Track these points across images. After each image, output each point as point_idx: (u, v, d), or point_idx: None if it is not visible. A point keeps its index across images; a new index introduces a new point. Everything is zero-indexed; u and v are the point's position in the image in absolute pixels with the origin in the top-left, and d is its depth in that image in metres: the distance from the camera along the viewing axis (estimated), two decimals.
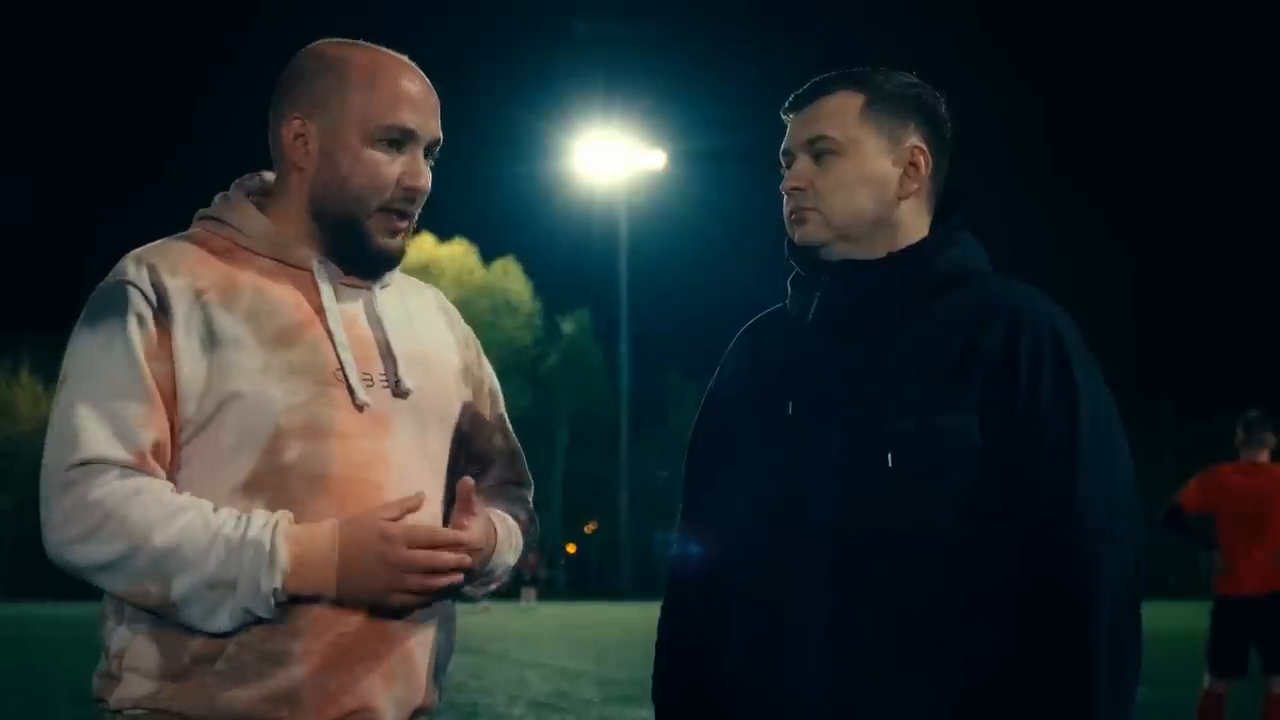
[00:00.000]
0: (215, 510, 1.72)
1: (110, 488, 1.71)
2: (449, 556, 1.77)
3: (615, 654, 16.02)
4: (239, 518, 1.72)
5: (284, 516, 1.73)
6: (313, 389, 1.79)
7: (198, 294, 1.79)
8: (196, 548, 1.69)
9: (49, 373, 50.99)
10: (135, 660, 1.76)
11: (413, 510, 1.79)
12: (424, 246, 51.87)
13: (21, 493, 48.09)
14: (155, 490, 1.72)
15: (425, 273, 50.35)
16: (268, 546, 1.70)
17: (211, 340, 1.77)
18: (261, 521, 1.72)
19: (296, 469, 1.76)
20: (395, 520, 1.76)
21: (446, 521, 1.88)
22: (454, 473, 1.95)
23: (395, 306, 1.94)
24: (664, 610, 2.09)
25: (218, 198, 1.93)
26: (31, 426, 50.22)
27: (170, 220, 2.00)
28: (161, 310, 1.77)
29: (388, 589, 1.74)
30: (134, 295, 1.78)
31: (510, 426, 2.09)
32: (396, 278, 1.97)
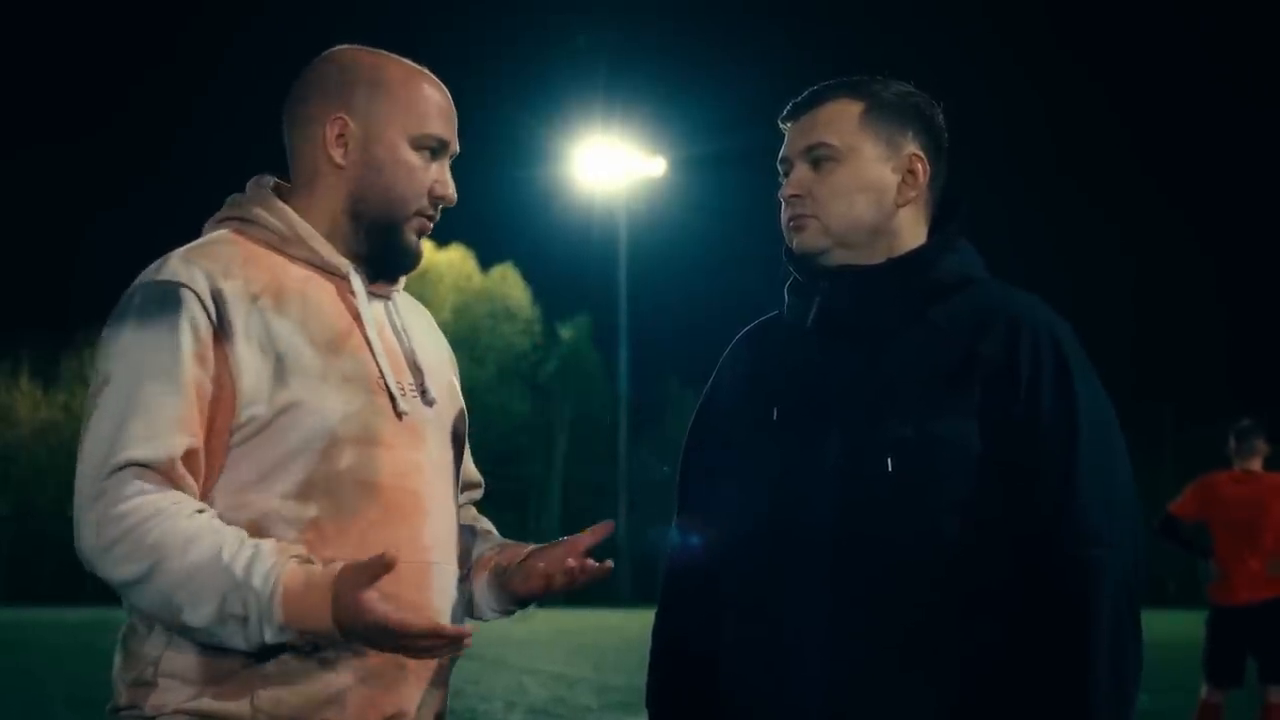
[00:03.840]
0: (231, 538, 1.69)
1: (134, 503, 1.69)
2: (440, 642, 1.70)
3: (613, 660, 16.01)
4: (250, 554, 1.69)
5: (288, 561, 1.68)
6: (364, 397, 1.81)
7: (253, 298, 1.79)
8: (204, 584, 1.67)
9: (49, 377, 50.97)
10: (174, 666, 1.75)
11: (383, 573, 1.65)
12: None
13: (20, 497, 47.98)
14: (173, 513, 1.69)
15: (423, 279, 50.33)
16: (266, 597, 1.66)
17: (271, 346, 1.77)
18: (266, 567, 1.67)
19: (349, 476, 1.78)
20: (365, 578, 1.65)
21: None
22: (461, 485, 2.00)
23: (408, 319, 1.96)
24: (659, 616, 2.09)
25: (238, 198, 1.91)
26: (30, 430, 50.16)
27: (172, 223, 2.00)
28: (220, 316, 1.76)
29: (387, 647, 1.71)
30: (188, 298, 1.76)
31: None
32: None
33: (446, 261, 54.08)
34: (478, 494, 2.14)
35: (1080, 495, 1.83)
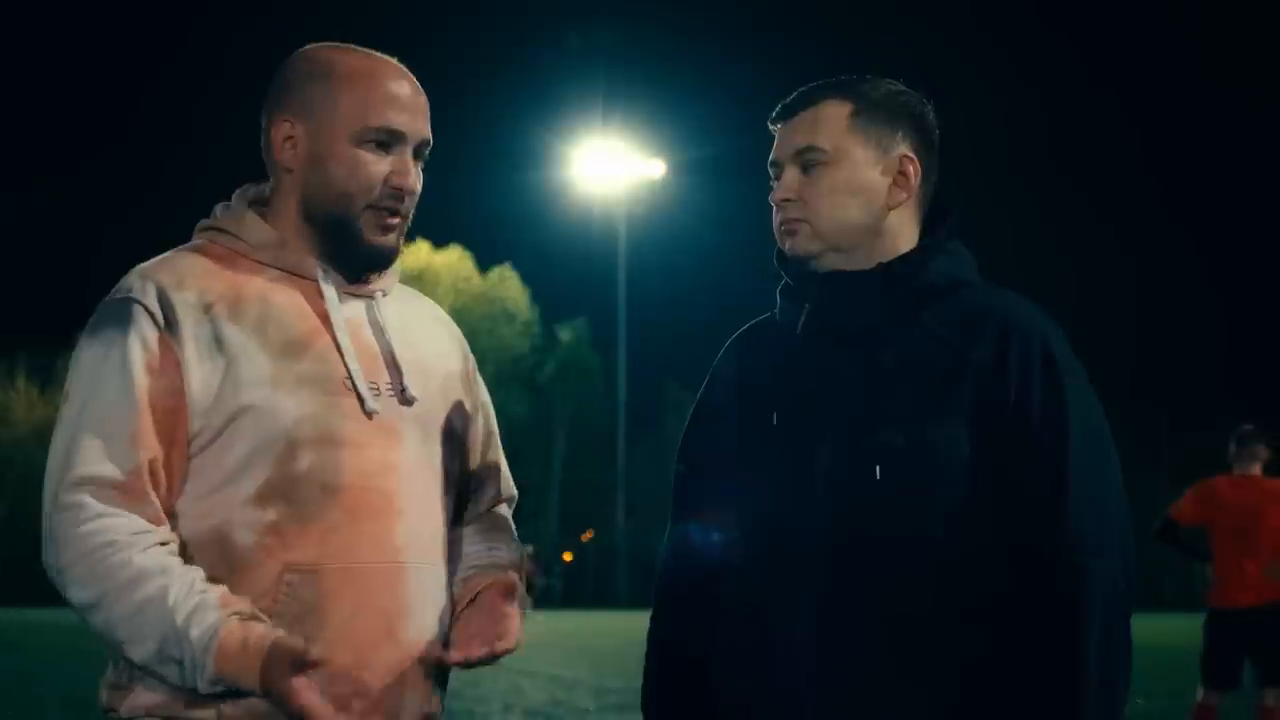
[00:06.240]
0: (181, 581, 1.70)
1: (93, 526, 1.71)
2: None
3: (611, 662, 16.00)
4: (196, 603, 1.69)
5: (232, 620, 1.69)
6: (323, 399, 1.80)
7: (206, 307, 1.80)
8: (148, 624, 1.69)
9: (45, 379, 50.96)
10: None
11: (310, 668, 1.68)
12: (420, 254, 51.84)
13: (15, 498, 47.98)
14: (128, 544, 1.71)
15: (421, 280, 50.30)
16: (200, 651, 1.68)
17: (221, 353, 1.78)
18: (207, 622, 1.68)
19: (308, 479, 1.78)
20: (294, 667, 1.67)
21: (451, 530, 1.93)
22: (455, 483, 1.98)
23: (395, 315, 1.94)
24: (654, 619, 2.08)
25: (218, 207, 1.93)
26: (27, 432, 50.14)
27: (171, 225, 2.00)
28: (168, 326, 1.77)
29: None
30: (137, 311, 1.78)
31: (499, 441, 2.09)
32: (395, 287, 1.98)
33: (445, 263, 54.01)
34: (504, 496, 2.09)
35: (1071, 502, 1.83)
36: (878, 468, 1.84)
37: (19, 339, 50.31)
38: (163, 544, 1.74)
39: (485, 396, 2.08)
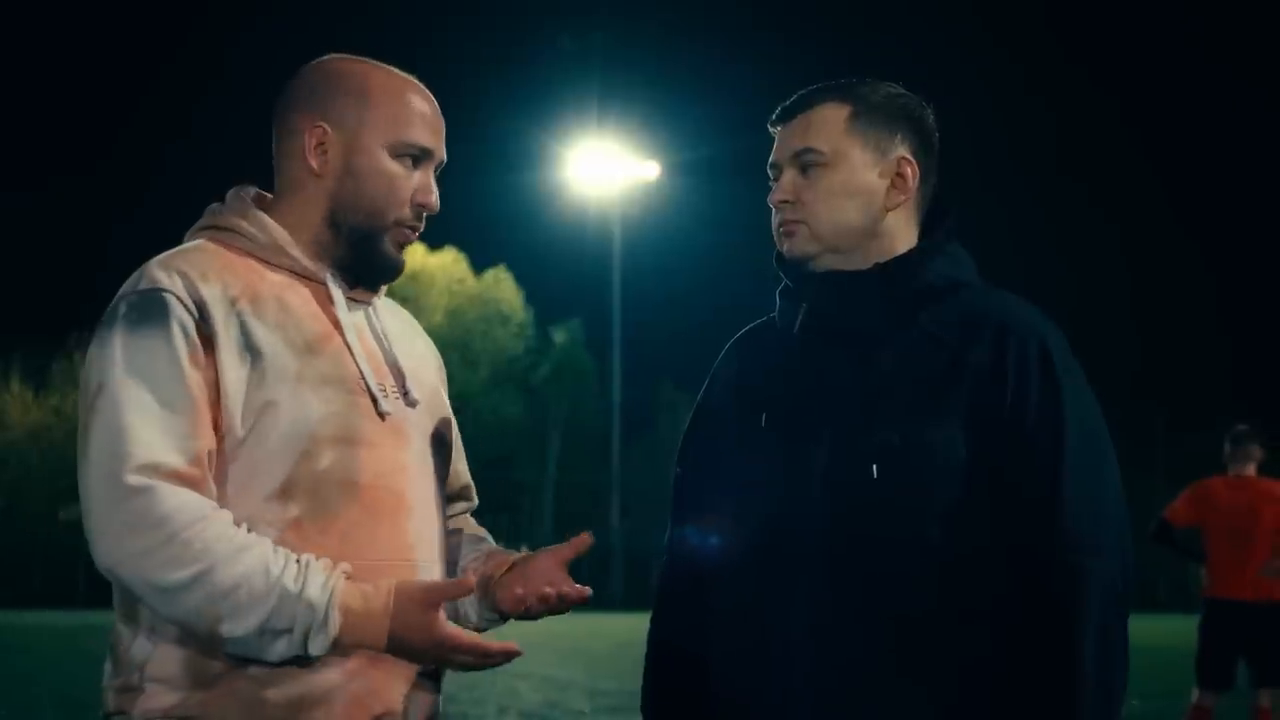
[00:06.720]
0: (275, 551, 1.71)
1: (173, 505, 1.68)
2: (489, 659, 1.79)
3: (605, 664, 16.00)
4: (299, 567, 1.71)
5: (341, 576, 1.72)
6: (344, 398, 1.82)
7: (231, 301, 1.80)
8: (254, 594, 1.68)
9: (40, 381, 50.90)
10: (160, 670, 1.75)
11: (465, 595, 1.81)
12: (414, 255, 51.77)
13: (11, 499, 47.92)
14: (218, 519, 1.70)
15: (416, 282, 50.33)
16: (321, 613, 1.69)
17: (249, 348, 1.78)
18: (320, 581, 1.71)
19: (329, 476, 1.79)
20: (440, 599, 1.74)
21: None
22: (444, 488, 2.00)
23: (389, 324, 1.97)
24: (654, 620, 2.09)
25: (216, 207, 1.93)
26: (21, 434, 50.07)
27: (171, 225, 1.99)
28: (202, 318, 1.77)
29: (432, 662, 1.82)
30: (173, 303, 1.77)
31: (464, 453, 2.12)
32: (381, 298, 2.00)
33: (439, 264, 54.00)
34: (472, 505, 2.14)
35: (1067, 503, 1.83)
36: (875, 468, 1.85)
37: (14, 340, 50.25)
38: (238, 523, 1.73)
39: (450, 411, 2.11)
